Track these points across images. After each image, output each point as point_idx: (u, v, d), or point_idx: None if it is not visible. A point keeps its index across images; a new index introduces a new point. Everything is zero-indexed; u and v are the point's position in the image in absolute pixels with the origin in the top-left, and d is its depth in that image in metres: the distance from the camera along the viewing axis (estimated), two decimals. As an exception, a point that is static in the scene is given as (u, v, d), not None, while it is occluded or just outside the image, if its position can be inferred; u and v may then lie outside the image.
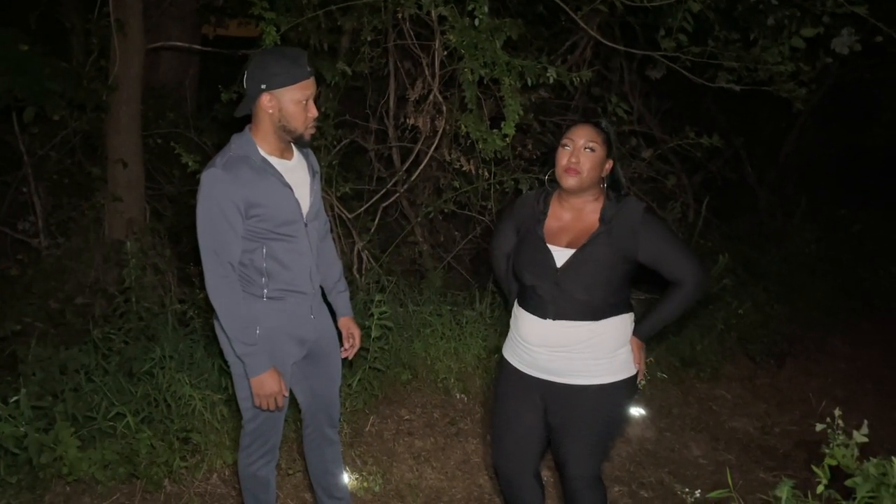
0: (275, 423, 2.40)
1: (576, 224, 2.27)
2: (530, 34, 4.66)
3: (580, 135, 2.22)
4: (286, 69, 2.10)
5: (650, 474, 3.54)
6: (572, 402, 2.26)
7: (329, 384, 2.53)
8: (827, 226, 7.31)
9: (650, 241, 2.20)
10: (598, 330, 2.22)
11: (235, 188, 2.10)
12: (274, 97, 2.12)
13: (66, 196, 4.68)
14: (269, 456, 2.44)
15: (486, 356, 4.23)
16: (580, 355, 2.24)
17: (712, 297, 4.94)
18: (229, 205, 2.10)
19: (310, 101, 2.16)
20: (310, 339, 2.39)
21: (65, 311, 4.05)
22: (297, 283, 2.28)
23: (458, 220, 5.28)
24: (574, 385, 2.25)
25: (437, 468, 3.41)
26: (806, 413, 4.45)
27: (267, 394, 2.20)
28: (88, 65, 4.46)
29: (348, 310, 2.59)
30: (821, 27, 4.22)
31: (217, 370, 3.38)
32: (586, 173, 2.20)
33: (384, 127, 4.85)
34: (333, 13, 4.12)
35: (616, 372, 2.26)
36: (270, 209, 2.16)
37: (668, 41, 4.22)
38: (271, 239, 2.20)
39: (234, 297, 2.16)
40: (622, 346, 2.27)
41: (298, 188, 2.26)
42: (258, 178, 2.15)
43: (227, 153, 2.16)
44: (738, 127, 7.28)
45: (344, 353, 2.56)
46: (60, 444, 2.84)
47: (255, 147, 2.18)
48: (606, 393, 2.25)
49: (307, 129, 2.19)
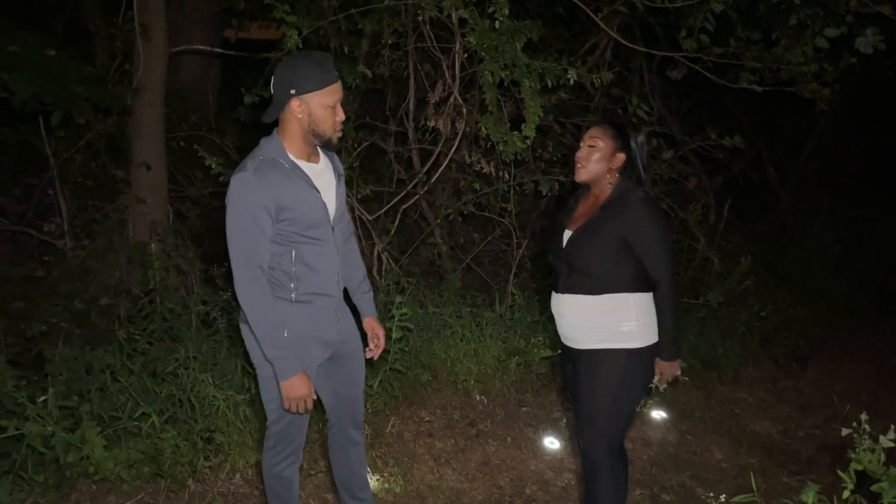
0: (300, 425, 2.42)
1: (591, 211, 2.53)
2: (549, 35, 4.65)
3: (588, 134, 2.54)
4: (315, 74, 2.12)
5: (672, 478, 3.52)
6: (586, 363, 2.50)
7: (353, 385, 2.54)
8: (849, 227, 7.23)
9: (635, 229, 2.39)
10: (598, 303, 2.45)
11: (266, 192, 2.11)
12: (303, 102, 2.13)
13: (91, 198, 4.73)
14: (293, 457, 2.46)
15: (506, 358, 4.23)
16: (586, 324, 2.48)
17: (734, 299, 4.91)
18: (260, 208, 2.11)
19: (338, 105, 2.18)
20: (335, 342, 2.41)
21: (90, 311, 4.10)
22: (324, 286, 2.30)
23: (477, 221, 5.28)
24: (587, 349, 2.50)
25: (457, 469, 3.42)
26: (829, 416, 4.41)
27: (296, 396, 2.21)
28: (113, 69, 4.53)
29: (373, 310, 2.60)
30: (844, 27, 4.18)
31: (240, 371, 3.41)
32: (589, 166, 2.50)
33: (404, 129, 4.87)
34: (354, 16, 4.14)
35: (620, 340, 2.44)
36: (299, 212, 2.17)
37: (689, 42, 4.20)
38: (300, 242, 2.21)
39: (263, 301, 2.17)
40: (626, 319, 2.44)
41: (325, 191, 2.28)
42: (287, 181, 2.16)
43: (257, 157, 2.16)
44: (760, 127, 7.22)
45: (369, 354, 2.57)
46: (87, 444, 2.88)
47: (284, 150, 2.20)
48: (613, 358, 2.45)
49: (335, 133, 2.22)
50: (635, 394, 2.52)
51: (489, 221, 5.12)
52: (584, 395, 2.51)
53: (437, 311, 4.35)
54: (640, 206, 2.41)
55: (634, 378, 2.48)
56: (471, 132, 4.38)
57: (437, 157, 4.59)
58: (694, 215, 5.14)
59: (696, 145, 5.20)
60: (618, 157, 2.49)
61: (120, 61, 4.53)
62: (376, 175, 5.07)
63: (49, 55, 3.78)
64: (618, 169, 2.50)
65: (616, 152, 2.49)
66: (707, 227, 5.60)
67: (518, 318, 4.48)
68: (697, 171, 5.88)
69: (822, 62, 4.22)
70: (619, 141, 2.49)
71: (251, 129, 5.45)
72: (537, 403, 4.12)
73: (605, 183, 2.52)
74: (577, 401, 2.58)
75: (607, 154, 2.48)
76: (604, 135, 2.49)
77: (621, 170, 2.51)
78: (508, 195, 4.71)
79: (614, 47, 5.19)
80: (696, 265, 5.09)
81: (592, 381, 2.48)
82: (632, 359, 2.45)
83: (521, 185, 4.65)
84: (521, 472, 3.47)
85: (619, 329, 2.44)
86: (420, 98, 4.65)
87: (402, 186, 4.77)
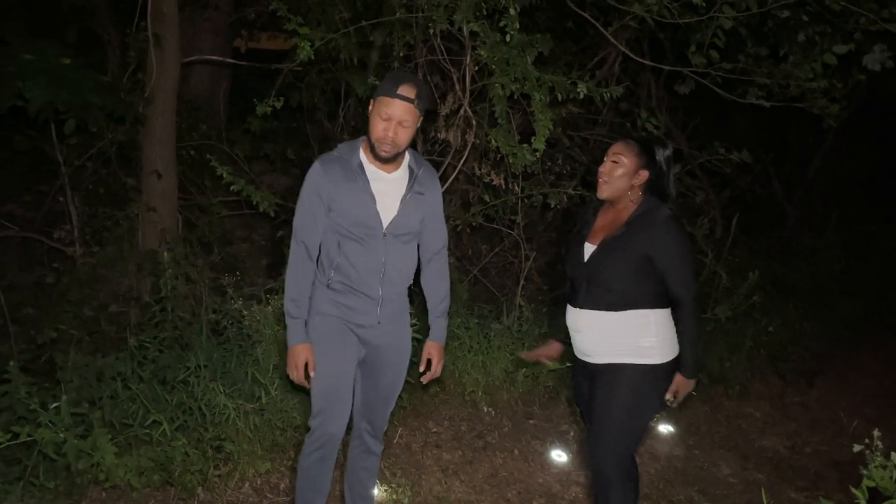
0: (336, 422, 2.45)
1: (612, 226, 2.51)
2: (558, 49, 4.67)
3: (612, 150, 2.53)
4: (385, 84, 2.33)
5: (679, 492, 3.51)
6: (604, 378, 2.48)
7: (376, 394, 2.57)
8: (856, 242, 7.23)
9: (661, 247, 2.38)
10: (619, 319, 2.44)
11: (323, 182, 2.35)
12: (373, 103, 2.35)
13: (102, 206, 4.76)
14: (323, 451, 2.48)
15: (514, 370, 4.23)
16: (605, 339, 2.47)
17: (741, 314, 4.91)
18: (315, 195, 2.37)
19: (392, 121, 2.27)
20: (372, 343, 2.47)
21: (99, 318, 4.12)
22: (360, 284, 2.39)
23: (484, 232, 5.30)
24: (605, 363, 2.48)
25: (465, 481, 3.42)
26: (837, 432, 4.40)
27: (294, 363, 2.39)
28: (125, 78, 4.56)
29: (436, 336, 2.62)
30: (852, 43, 4.20)
31: (250, 380, 3.41)
32: (612, 182, 2.49)
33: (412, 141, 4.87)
34: (364, 29, 4.17)
35: (640, 356, 2.43)
36: (346, 209, 2.35)
37: (698, 57, 4.22)
38: (347, 237, 2.38)
39: (297, 270, 2.41)
40: (646, 335, 2.43)
41: (385, 198, 2.37)
42: (346, 178, 2.36)
43: (334, 152, 2.42)
44: (767, 142, 7.23)
45: (424, 378, 2.61)
46: (97, 451, 2.88)
47: (359, 152, 2.40)
48: (631, 373, 2.43)
49: (379, 143, 2.32)
50: (650, 410, 2.52)
51: (496, 233, 5.13)
52: (599, 408, 2.50)
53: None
54: (667, 223, 2.40)
55: (651, 394, 2.47)
56: (480, 144, 4.39)
57: (446, 169, 4.61)
58: (701, 230, 5.15)
59: (704, 160, 5.21)
60: (641, 174, 2.48)
61: (132, 70, 4.57)
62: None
63: (64, 64, 3.81)
64: (640, 186, 2.49)
65: (639, 169, 2.48)
66: (714, 241, 5.60)
67: (526, 331, 4.48)
68: (705, 186, 5.89)
69: (831, 78, 4.24)
70: (643, 158, 2.48)
71: (262, 138, 5.49)
72: (545, 416, 4.12)
73: (626, 199, 2.51)
74: (590, 414, 2.57)
75: (630, 171, 2.47)
76: (628, 151, 2.49)
77: (644, 186, 2.50)
78: (517, 207, 4.72)
79: (622, 61, 5.22)
80: (704, 279, 5.09)
81: (609, 394, 2.47)
82: (649, 375, 2.44)
83: (529, 198, 4.66)
84: (529, 484, 3.46)
85: (639, 344, 2.43)
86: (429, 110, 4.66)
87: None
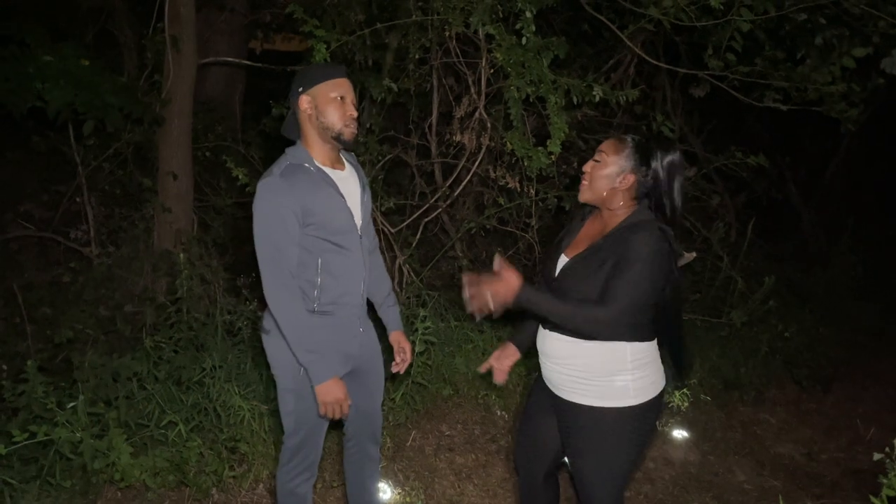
0: (315, 441, 2.40)
1: (595, 238, 2.15)
2: (573, 52, 4.66)
3: (599, 147, 2.17)
4: (319, 70, 2.22)
5: (694, 498, 3.48)
6: (569, 418, 2.18)
7: (371, 400, 2.54)
8: (873, 247, 7.15)
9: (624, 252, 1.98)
10: (588, 351, 2.09)
11: (292, 195, 2.10)
12: (309, 96, 2.19)
13: (118, 206, 4.81)
14: (307, 473, 2.44)
15: (527, 374, 4.21)
16: (573, 371, 2.13)
17: (757, 319, 4.87)
18: (287, 212, 2.10)
19: (346, 100, 2.21)
20: (355, 355, 2.40)
21: (115, 318, 4.14)
22: (347, 295, 2.29)
23: (497, 235, 5.28)
24: (569, 402, 2.16)
25: (478, 485, 3.41)
26: (853, 440, 4.35)
27: (332, 401, 2.18)
28: (142, 79, 4.60)
29: (399, 324, 2.59)
30: (870, 47, 4.17)
31: (265, 381, 3.42)
32: (590, 182, 2.13)
33: (426, 143, 4.89)
34: (380, 31, 4.17)
35: (611, 397, 2.09)
36: (326, 217, 2.17)
37: (714, 60, 4.20)
38: (326, 250, 2.20)
39: (295, 305, 2.15)
40: (620, 372, 2.08)
41: (350, 198, 2.29)
42: (314, 185, 2.16)
43: (283, 163, 2.18)
44: (783, 146, 7.18)
45: (395, 368, 2.56)
46: (113, 451, 2.90)
47: (310, 156, 2.21)
48: (599, 417, 2.10)
49: (346, 127, 2.20)
50: (629, 455, 2.15)
51: (509, 236, 5.12)
52: (571, 452, 2.21)
53: (458, 325, 4.35)
54: (644, 234, 1.98)
55: (627, 438, 2.12)
56: (495, 147, 4.39)
57: (460, 172, 4.61)
58: (717, 234, 5.12)
59: (720, 164, 5.18)
60: (626, 177, 2.08)
61: (150, 72, 4.60)
62: (398, 188, 5.09)
63: (83, 65, 3.84)
64: (629, 192, 2.10)
65: (625, 172, 2.08)
66: (730, 245, 5.57)
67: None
68: (720, 190, 5.86)
69: (850, 82, 4.21)
70: (630, 160, 2.07)
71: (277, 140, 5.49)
72: (558, 420, 4.10)
73: (615, 206, 2.12)
74: (570, 454, 2.24)
75: (612, 172, 2.09)
76: (613, 149, 2.10)
77: (638, 194, 2.11)
78: (531, 210, 4.71)
79: (637, 64, 5.20)
80: (719, 284, 5.05)
81: (577, 440, 2.16)
82: (623, 419, 2.09)
83: (543, 201, 4.65)
84: (543, 489, 3.45)
85: (612, 384, 2.08)
86: (443, 112, 4.67)
87: (423, 199, 4.78)
